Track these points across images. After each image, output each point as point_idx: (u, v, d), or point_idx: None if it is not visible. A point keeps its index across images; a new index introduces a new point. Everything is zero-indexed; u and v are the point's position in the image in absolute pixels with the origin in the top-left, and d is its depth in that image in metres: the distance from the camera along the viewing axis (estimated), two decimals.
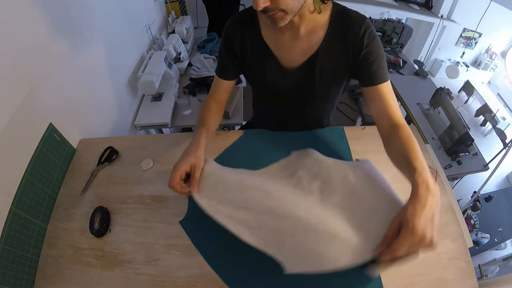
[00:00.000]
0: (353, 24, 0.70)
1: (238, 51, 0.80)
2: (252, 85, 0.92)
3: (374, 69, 0.71)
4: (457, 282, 0.68)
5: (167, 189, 0.77)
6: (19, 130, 0.72)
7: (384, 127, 0.71)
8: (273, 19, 0.63)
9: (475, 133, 2.29)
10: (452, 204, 0.82)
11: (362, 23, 0.70)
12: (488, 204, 2.01)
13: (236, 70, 0.85)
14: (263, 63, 0.80)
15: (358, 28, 0.70)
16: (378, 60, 0.71)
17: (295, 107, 0.90)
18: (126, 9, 1.45)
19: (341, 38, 0.72)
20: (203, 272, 0.66)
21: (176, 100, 1.50)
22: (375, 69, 0.71)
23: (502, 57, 2.95)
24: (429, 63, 3.14)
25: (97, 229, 0.72)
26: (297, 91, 0.83)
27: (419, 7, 2.89)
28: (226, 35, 0.80)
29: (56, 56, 0.88)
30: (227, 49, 0.81)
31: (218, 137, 0.94)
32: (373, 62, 0.71)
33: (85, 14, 1.07)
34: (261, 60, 0.79)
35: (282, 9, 0.60)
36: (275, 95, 0.88)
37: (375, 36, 0.71)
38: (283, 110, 0.93)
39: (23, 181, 0.71)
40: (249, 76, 0.88)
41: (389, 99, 0.71)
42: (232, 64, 0.83)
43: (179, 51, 1.77)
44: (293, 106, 0.90)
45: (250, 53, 0.80)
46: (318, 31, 0.72)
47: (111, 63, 1.27)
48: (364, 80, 0.73)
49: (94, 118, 1.10)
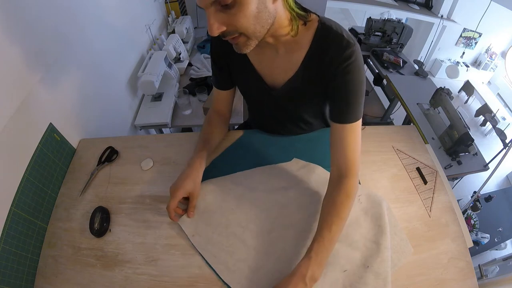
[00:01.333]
0: (333, 48, 0.60)
1: (225, 65, 0.77)
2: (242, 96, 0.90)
3: (341, 106, 0.64)
4: (457, 282, 0.68)
5: (167, 189, 0.78)
6: (19, 130, 0.72)
7: (332, 172, 0.68)
8: (235, 45, 0.57)
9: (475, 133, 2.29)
10: (452, 204, 0.82)
11: (344, 51, 0.59)
12: (488, 204, 2.01)
13: (229, 81, 0.82)
14: (248, 80, 0.77)
15: (337, 55, 0.60)
16: (348, 98, 0.63)
17: (284, 121, 0.89)
18: (126, 9, 1.45)
19: (319, 61, 0.63)
20: (203, 272, 0.66)
21: (176, 100, 1.50)
22: (342, 107, 0.64)
23: (502, 57, 2.96)
24: (429, 63, 3.14)
25: (97, 229, 0.72)
26: (282, 110, 0.80)
27: (419, 7, 2.89)
28: (212, 51, 0.77)
29: (56, 56, 0.88)
30: (215, 63, 0.79)
31: None
32: (342, 98, 0.64)
33: (85, 13, 1.07)
34: (246, 77, 0.76)
35: (242, 33, 0.53)
36: (262, 110, 0.88)
37: (353, 71, 0.61)
38: (273, 122, 0.91)
39: (23, 181, 0.71)
40: (239, 88, 0.86)
41: (347, 143, 0.65)
42: (223, 76, 0.81)
43: (179, 51, 1.77)
44: (281, 120, 0.89)
45: (236, 69, 0.77)
46: (298, 51, 0.65)
47: (111, 63, 1.27)
48: (331, 114, 0.67)
49: (94, 118, 1.10)
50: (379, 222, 0.71)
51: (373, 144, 0.95)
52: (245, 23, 0.51)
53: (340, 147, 0.66)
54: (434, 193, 0.84)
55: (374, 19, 2.22)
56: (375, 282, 0.62)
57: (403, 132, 1.02)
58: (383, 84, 2.24)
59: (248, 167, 0.85)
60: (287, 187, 0.79)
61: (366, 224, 0.72)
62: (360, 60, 0.62)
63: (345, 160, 0.66)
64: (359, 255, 0.66)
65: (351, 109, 0.64)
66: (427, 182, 0.86)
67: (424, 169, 0.90)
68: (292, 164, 0.86)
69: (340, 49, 0.60)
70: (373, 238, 0.69)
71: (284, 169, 0.85)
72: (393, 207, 0.79)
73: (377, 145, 0.95)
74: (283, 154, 0.89)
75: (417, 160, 0.92)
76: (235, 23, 0.51)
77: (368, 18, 2.24)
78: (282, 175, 0.83)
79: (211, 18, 0.50)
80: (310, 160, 0.87)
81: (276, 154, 0.89)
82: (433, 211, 0.80)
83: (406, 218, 0.77)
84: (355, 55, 0.60)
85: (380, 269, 0.63)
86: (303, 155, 0.88)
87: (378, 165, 0.90)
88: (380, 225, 0.71)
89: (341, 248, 0.67)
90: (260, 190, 0.79)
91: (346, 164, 0.66)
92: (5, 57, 0.68)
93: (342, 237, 0.69)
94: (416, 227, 0.76)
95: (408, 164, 0.91)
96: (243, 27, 0.52)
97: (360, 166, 0.68)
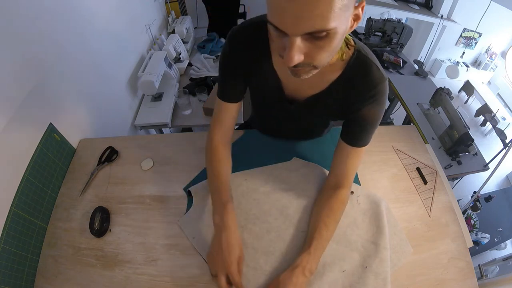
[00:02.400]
0: (365, 79, 0.60)
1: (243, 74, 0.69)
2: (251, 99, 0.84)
3: (356, 133, 0.67)
4: (457, 282, 0.68)
5: (167, 189, 0.78)
6: (19, 130, 0.72)
7: (330, 180, 0.74)
8: (297, 72, 0.52)
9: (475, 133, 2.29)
10: (452, 204, 0.82)
11: (374, 86, 0.60)
12: (488, 204, 2.01)
13: (243, 90, 0.74)
14: (266, 88, 0.71)
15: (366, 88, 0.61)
16: (365, 127, 0.66)
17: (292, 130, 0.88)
18: (126, 9, 1.45)
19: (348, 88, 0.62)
20: (203, 272, 0.66)
21: (176, 100, 1.50)
22: (357, 133, 0.67)
23: (502, 57, 2.95)
24: (429, 63, 3.14)
25: (97, 229, 0.72)
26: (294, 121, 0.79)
27: (419, 7, 2.89)
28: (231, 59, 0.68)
29: (56, 56, 0.88)
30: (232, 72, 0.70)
31: None
32: (359, 126, 0.66)
33: (85, 13, 1.07)
34: (265, 82, 0.69)
35: (314, 65, 0.49)
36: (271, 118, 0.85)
37: (378, 104, 0.62)
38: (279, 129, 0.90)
39: (23, 181, 0.71)
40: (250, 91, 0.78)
41: (352, 163, 0.70)
42: (237, 86, 0.71)
43: (179, 51, 1.77)
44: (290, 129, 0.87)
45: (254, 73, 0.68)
46: (331, 73, 0.62)
47: (111, 63, 1.27)
48: (343, 134, 0.70)
49: (94, 118, 1.10)
50: (377, 223, 0.72)
51: (373, 144, 0.94)
52: (326, 57, 0.48)
53: (343, 163, 0.70)
54: (434, 193, 0.84)
55: (374, 19, 2.21)
56: (374, 282, 0.62)
57: (403, 132, 1.02)
58: None
59: (248, 167, 0.85)
60: (287, 187, 0.79)
61: (364, 225, 0.72)
62: (386, 95, 0.63)
63: (345, 174, 0.71)
64: (358, 255, 0.67)
65: (363, 137, 0.67)
66: (427, 182, 0.86)
67: (424, 169, 0.90)
68: (291, 163, 0.86)
69: (371, 82, 0.60)
70: (371, 239, 0.69)
71: (284, 168, 0.85)
72: (393, 207, 0.79)
73: (377, 145, 0.95)
74: (283, 154, 0.89)
75: (417, 160, 0.92)
76: (317, 55, 0.46)
77: (368, 18, 2.24)
78: (282, 175, 0.83)
79: (295, 48, 0.43)
80: (310, 160, 0.87)
81: (276, 154, 0.89)
82: (433, 211, 0.80)
83: (406, 218, 0.77)
84: (383, 91, 0.61)
85: (379, 269, 0.64)
86: (303, 155, 0.89)
87: (378, 165, 0.90)
88: (378, 225, 0.71)
89: (340, 249, 0.68)
90: (260, 190, 0.79)
91: (344, 177, 0.71)
92: (5, 57, 0.68)
93: (340, 238, 0.69)
94: (416, 227, 0.76)
95: (408, 164, 0.91)
96: (322, 60, 0.48)
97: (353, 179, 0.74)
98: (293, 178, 0.82)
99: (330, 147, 0.89)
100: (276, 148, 0.91)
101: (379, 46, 2.30)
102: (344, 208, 0.70)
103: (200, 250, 0.69)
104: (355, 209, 0.75)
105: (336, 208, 0.69)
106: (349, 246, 0.69)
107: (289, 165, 0.86)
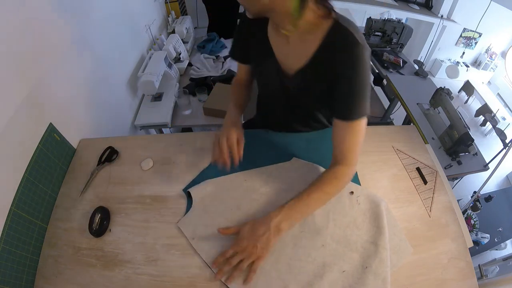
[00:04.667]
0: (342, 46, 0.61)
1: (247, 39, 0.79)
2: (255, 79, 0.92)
3: (346, 102, 0.65)
4: (457, 282, 0.68)
5: (167, 189, 0.77)
6: (19, 130, 0.72)
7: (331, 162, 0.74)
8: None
9: (475, 133, 2.29)
10: (452, 204, 0.82)
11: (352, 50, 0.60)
12: (488, 204, 2.01)
13: (246, 55, 0.83)
14: (263, 61, 0.78)
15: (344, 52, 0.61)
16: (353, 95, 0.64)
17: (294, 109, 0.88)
18: (126, 9, 1.45)
19: (328, 57, 0.64)
20: (203, 272, 0.66)
21: (176, 100, 1.51)
22: (347, 103, 0.65)
23: (502, 57, 2.95)
24: (429, 63, 3.14)
25: (97, 229, 0.72)
26: (293, 98, 0.80)
27: (419, 7, 2.89)
28: (240, 24, 0.81)
29: (56, 56, 0.88)
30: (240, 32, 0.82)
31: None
32: (348, 95, 0.64)
33: (85, 13, 1.07)
34: (262, 58, 0.77)
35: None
36: (273, 95, 0.87)
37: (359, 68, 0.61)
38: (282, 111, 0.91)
39: (23, 181, 0.71)
40: (255, 72, 0.89)
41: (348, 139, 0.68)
42: (241, 47, 0.83)
43: (179, 51, 1.77)
44: (292, 108, 0.88)
45: (257, 49, 0.78)
46: (311, 42, 0.65)
47: (111, 63, 1.27)
48: (335, 111, 0.68)
49: (94, 118, 1.10)
50: (377, 223, 0.72)
51: (373, 144, 0.95)
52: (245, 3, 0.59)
53: (340, 141, 0.70)
54: (434, 193, 0.84)
55: (374, 19, 2.21)
56: (374, 282, 0.62)
57: (403, 132, 1.02)
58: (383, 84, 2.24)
59: (248, 167, 0.85)
60: (287, 188, 0.79)
61: (364, 225, 0.72)
62: (363, 60, 0.62)
63: (342, 151, 0.70)
64: (358, 256, 0.67)
65: (352, 108, 0.65)
66: (427, 182, 0.86)
67: (424, 169, 0.90)
68: (291, 163, 0.86)
69: (347, 47, 0.61)
70: (371, 239, 0.69)
71: (283, 169, 0.85)
72: (393, 207, 0.79)
73: (377, 145, 0.95)
74: (283, 154, 0.89)
75: (417, 160, 0.92)
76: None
77: (368, 18, 2.24)
78: (282, 176, 0.83)
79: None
80: (310, 160, 0.87)
81: (276, 154, 0.89)
82: (433, 211, 0.80)
83: (406, 218, 0.77)
84: (358, 55, 0.61)
85: (379, 269, 0.64)
86: (303, 155, 0.88)
87: (378, 165, 0.90)
88: (378, 226, 0.71)
89: (340, 249, 0.68)
90: (260, 191, 0.79)
91: (342, 154, 0.70)
92: (5, 57, 0.68)
93: (340, 238, 0.69)
94: (416, 227, 0.76)
95: (408, 164, 0.91)
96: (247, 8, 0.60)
97: (357, 160, 0.71)
98: (293, 178, 0.82)
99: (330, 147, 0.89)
100: (276, 148, 0.91)
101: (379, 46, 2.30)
102: (336, 182, 0.70)
103: (200, 251, 0.69)
104: (355, 209, 0.75)
105: (326, 179, 0.70)
106: (349, 246, 0.68)
107: (289, 165, 0.86)
